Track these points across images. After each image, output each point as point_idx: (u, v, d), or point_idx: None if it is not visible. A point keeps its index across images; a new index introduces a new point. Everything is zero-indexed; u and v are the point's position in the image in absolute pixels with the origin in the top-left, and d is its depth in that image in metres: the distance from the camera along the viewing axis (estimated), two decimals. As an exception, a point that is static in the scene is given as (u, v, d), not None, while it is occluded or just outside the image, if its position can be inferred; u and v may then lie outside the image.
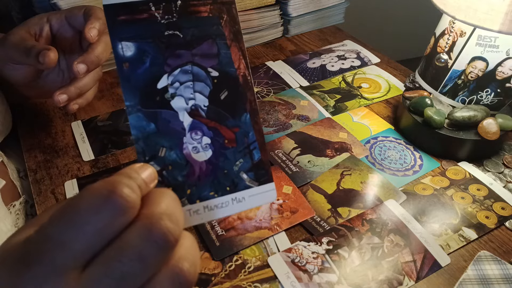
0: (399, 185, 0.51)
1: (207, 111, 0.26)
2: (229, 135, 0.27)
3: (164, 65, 0.25)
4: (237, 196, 0.26)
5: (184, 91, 0.25)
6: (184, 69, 0.26)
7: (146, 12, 0.25)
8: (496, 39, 0.49)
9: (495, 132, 0.51)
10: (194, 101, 0.26)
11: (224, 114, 0.27)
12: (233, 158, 0.27)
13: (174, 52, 0.25)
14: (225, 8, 0.27)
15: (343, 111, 0.64)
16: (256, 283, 0.42)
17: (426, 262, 0.43)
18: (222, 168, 0.26)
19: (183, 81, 0.25)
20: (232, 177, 0.26)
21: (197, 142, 0.26)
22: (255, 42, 0.82)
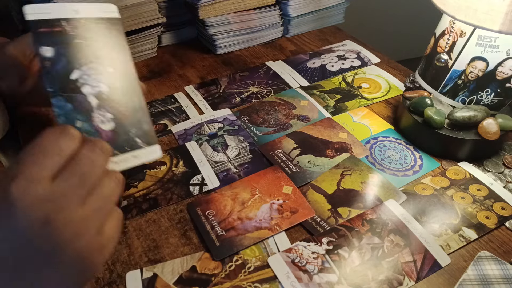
0: (399, 185, 0.51)
1: (108, 94, 0.36)
2: (124, 111, 0.37)
3: (75, 63, 0.35)
4: (133, 154, 0.37)
5: (91, 81, 0.35)
6: (90, 66, 0.35)
7: (59, 27, 0.34)
8: (496, 39, 0.49)
9: (495, 132, 0.51)
10: (98, 88, 0.36)
11: (120, 96, 0.37)
12: (129, 128, 0.37)
13: (81, 54, 0.35)
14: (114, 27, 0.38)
15: (343, 111, 0.64)
16: (256, 283, 0.42)
17: (426, 262, 0.43)
18: (122, 135, 0.36)
19: (89, 74, 0.35)
20: (129, 140, 0.37)
21: (102, 117, 0.35)
22: (255, 42, 0.82)
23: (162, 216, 0.49)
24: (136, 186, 0.52)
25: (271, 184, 0.51)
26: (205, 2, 0.73)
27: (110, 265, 0.44)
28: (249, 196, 0.50)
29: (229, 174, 0.53)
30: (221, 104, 0.66)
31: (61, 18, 0.35)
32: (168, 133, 0.61)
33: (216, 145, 0.58)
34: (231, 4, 0.76)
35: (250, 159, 0.56)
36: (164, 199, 0.50)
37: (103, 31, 0.37)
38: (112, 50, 0.38)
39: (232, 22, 0.78)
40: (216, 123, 0.62)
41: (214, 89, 0.70)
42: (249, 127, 0.61)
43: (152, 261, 0.44)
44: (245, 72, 0.74)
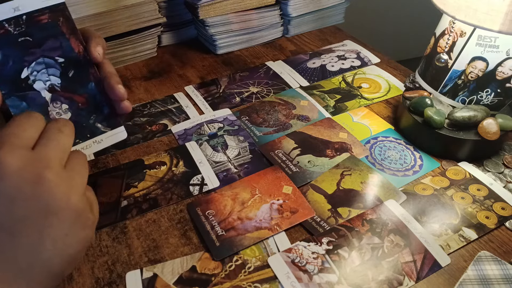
0: (399, 185, 0.51)
1: (60, 86, 0.36)
2: (80, 100, 0.38)
3: (23, 61, 0.35)
4: (96, 139, 0.38)
5: (41, 76, 0.36)
6: (38, 61, 0.36)
7: (2, 29, 0.34)
8: (496, 39, 0.49)
9: (495, 132, 0.51)
10: (50, 82, 0.36)
11: (74, 86, 0.37)
12: (88, 115, 0.38)
13: (28, 51, 0.35)
14: (60, 13, 0.37)
15: (343, 111, 0.64)
16: (256, 283, 0.42)
17: (426, 262, 0.43)
18: (81, 122, 0.37)
19: (39, 69, 0.36)
20: (90, 127, 0.38)
21: (58, 109, 0.36)
22: (255, 42, 0.82)
23: (162, 216, 0.49)
24: (136, 186, 0.52)
25: (271, 184, 0.51)
26: (205, 2, 0.73)
27: (110, 265, 0.44)
28: (249, 196, 0.50)
29: (229, 174, 0.53)
30: (221, 104, 0.66)
31: (2, 19, 0.34)
32: (168, 133, 0.61)
33: (216, 145, 0.58)
34: (231, 4, 0.76)
35: (250, 159, 0.56)
36: (164, 199, 0.50)
37: (48, 21, 0.36)
38: (60, 38, 0.37)
39: (232, 22, 0.78)
40: (216, 123, 0.62)
41: (214, 89, 0.70)
42: (249, 127, 0.61)
43: (152, 261, 0.44)
44: (245, 72, 0.74)
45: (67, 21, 0.37)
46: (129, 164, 0.55)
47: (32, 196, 0.29)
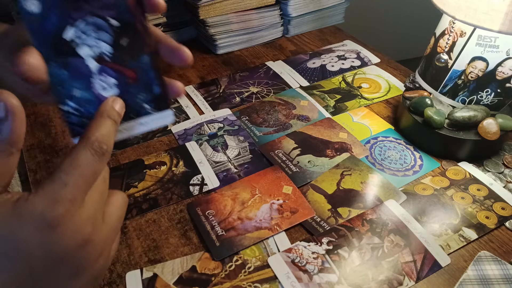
0: (399, 185, 0.51)
1: (110, 56, 0.30)
2: (130, 74, 0.31)
3: (68, 18, 0.28)
4: (140, 121, 0.33)
5: (88, 40, 0.29)
6: (86, 20, 0.28)
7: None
8: (496, 39, 0.49)
9: (495, 132, 0.51)
10: (98, 48, 0.29)
11: (125, 57, 0.31)
12: (136, 92, 0.32)
13: (76, 5, 0.28)
14: None
15: (343, 111, 0.64)
16: (256, 283, 0.42)
17: (426, 262, 0.43)
18: (127, 101, 0.32)
19: (86, 31, 0.29)
20: (135, 107, 0.32)
21: (104, 82, 0.30)
22: (255, 42, 0.82)
23: (162, 216, 0.49)
24: (136, 186, 0.52)
25: (271, 184, 0.51)
26: (205, 2, 0.73)
27: (110, 265, 0.44)
28: (249, 196, 0.50)
29: (229, 174, 0.53)
30: (221, 104, 0.66)
31: None
32: (168, 133, 0.61)
33: (216, 145, 0.58)
34: (231, 4, 0.76)
35: (250, 159, 0.56)
36: (164, 199, 0.50)
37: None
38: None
39: (232, 22, 0.77)
40: (216, 123, 0.62)
41: (214, 89, 0.70)
42: (249, 127, 0.61)
43: (152, 261, 0.44)
44: (245, 72, 0.74)
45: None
46: (129, 164, 0.55)
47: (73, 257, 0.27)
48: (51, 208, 0.25)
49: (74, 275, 0.28)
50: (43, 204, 0.25)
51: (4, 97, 0.26)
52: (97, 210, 0.29)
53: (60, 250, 0.26)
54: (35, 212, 0.25)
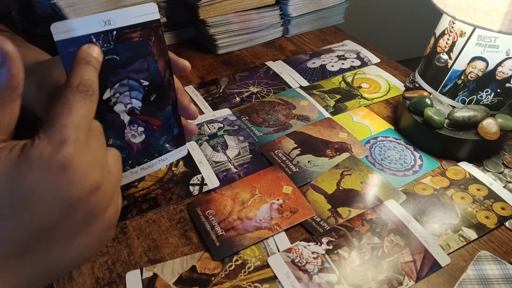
0: (399, 185, 0.51)
1: (140, 110, 0.35)
2: (156, 123, 0.37)
3: (107, 82, 0.32)
4: (161, 158, 0.38)
5: (123, 98, 0.34)
6: (122, 83, 0.33)
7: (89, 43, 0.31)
8: (496, 39, 0.49)
9: (495, 132, 0.51)
10: (131, 105, 0.34)
11: (153, 109, 0.36)
12: (160, 136, 0.37)
13: (113, 71, 0.32)
14: (152, 32, 0.34)
15: (343, 111, 0.64)
16: (256, 283, 0.42)
17: (426, 262, 0.43)
18: (152, 144, 0.37)
19: (122, 91, 0.33)
20: (159, 147, 0.38)
21: (134, 131, 0.35)
22: (255, 42, 0.82)
23: (162, 216, 0.49)
24: (136, 186, 0.52)
25: (271, 184, 0.51)
26: (205, 2, 0.73)
27: (110, 265, 0.44)
28: (249, 196, 0.50)
29: (229, 174, 0.53)
30: (221, 104, 0.66)
31: (90, 33, 0.30)
32: (168, 133, 0.61)
33: (216, 145, 0.58)
34: (231, 4, 0.76)
35: (250, 159, 0.56)
36: (164, 199, 0.50)
37: (139, 40, 0.33)
38: (148, 60, 0.34)
39: (232, 22, 0.78)
40: (216, 123, 0.62)
41: (214, 89, 0.70)
42: (249, 127, 0.61)
43: (152, 261, 0.44)
44: (245, 72, 0.74)
45: (159, 41, 0.34)
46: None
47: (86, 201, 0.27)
48: (59, 148, 0.25)
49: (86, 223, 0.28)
50: (51, 146, 0.25)
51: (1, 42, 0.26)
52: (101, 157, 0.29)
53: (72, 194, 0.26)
54: (43, 155, 0.25)
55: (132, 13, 0.32)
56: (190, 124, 0.40)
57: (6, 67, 0.26)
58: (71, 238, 0.28)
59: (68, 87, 0.28)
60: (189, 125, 0.40)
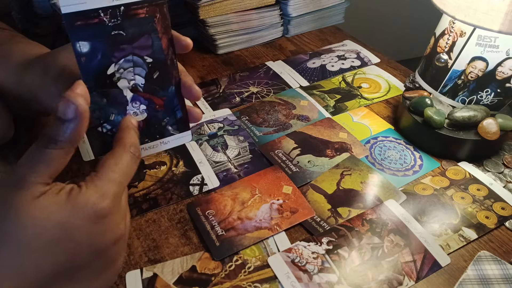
0: (399, 185, 0.51)
1: (143, 87, 0.35)
2: (159, 102, 0.37)
3: (112, 57, 0.33)
4: (164, 140, 0.38)
5: (127, 74, 0.34)
6: (127, 58, 0.34)
7: (96, 18, 0.31)
8: (496, 39, 0.49)
9: (495, 132, 0.51)
10: (134, 81, 0.35)
11: (156, 88, 0.36)
12: (162, 117, 0.37)
13: (119, 47, 0.33)
14: (158, 8, 0.34)
15: (343, 111, 0.64)
16: (256, 283, 0.42)
17: (426, 262, 0.43)
18: (154, 124, 0.37)
19: (126, 67, 0.34)
20: (161, 129, 0.38)
21: (136, 109, 0.35)
22: (255, 42, 0.82)
23: (162, 216, 0.49)
24: (136, 186, 0.52)
25: (271, 184, 0.51)
26: (205, 2, 0.73)
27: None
28: (249, 196, 0.50)
29: (229, 174, 0.53)
30: (221, 104, 0.66)
31: (98, 7, 0.31)
32: (168, 133, 0.61)
33: (216, 145, 0.58)
34: (231, 4, 0.76)
35: (250, 159, 0.56)
36: (164, 199, 0.50)
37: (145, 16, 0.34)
38: (153, 37, 0.34)
39: (232, 22, 0.78)
40: (216, 123, 0.62)
41: (214, 89, 0.70)
42: (249, 127, 0.61)
43: (152, 261, 0.44)
44: (245, 72, 0.74)
45: (164, 18, 0.35)
46: (129, 164, 0.55)
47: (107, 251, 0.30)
48: (101, 200, 0.28)
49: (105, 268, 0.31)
50: (95, 196, 0.28)
51: (76, 100, 0.28)
52: (126, 210, 0.32)
53: (103, 243, 0.29)
54: (89, 203, 0.28)
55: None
56: (195, 109, 0.41)
57: (76, 124, 0.28)
58: (90, 280, 0.30)
59: (122, 146, 0.31)
60: (194, 109, 0.40)
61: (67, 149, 0.29)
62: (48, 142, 0.28)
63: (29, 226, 0.26)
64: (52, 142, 0.28)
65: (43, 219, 0.27)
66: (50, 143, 0.28)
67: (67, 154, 0.29)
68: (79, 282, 0.29)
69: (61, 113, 0.28)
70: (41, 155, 0.28)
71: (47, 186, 0.28)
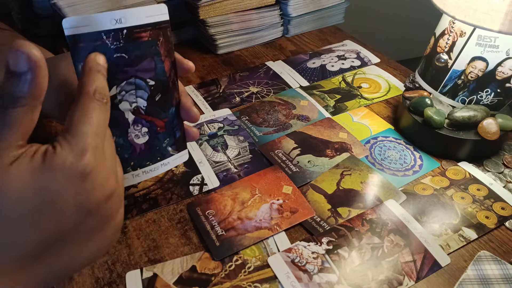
0: (399, 185, 0.51)
1: (145, 109, 0.35)
2: (160, 124, 0.36)
3: (114, 79, 0.32)
4: (164, 161, 0.38)
5: (129, 97, 0.34)
6: (129, 81, 0.33)
7: (99, 40, 0.31)
8: (496, 39, 0.49)
9: (495, 132, 0.51)
10: (136, 104, 0.34)
11: (158, 110, 0.36)
12: (163, 138, 0.37)
13: (121, 69, 0.33)
14: (161, 32, 0.34)
15: (343, 111, 0.64)
16: (256, 283, 0.42)
17: (426, 262, 0.43)
18: (155, 146, 0.37)
19: (128, 90, 0.33)
20: (162, 150, 0.37)
21: (138, 131, 0.35)
22: (255, 42, 0.82)
23: (162, 216, 0.49)
24: (136, 186, 0.52)
25: (271, 184, 0.51)
26: (205, 2, 0.73)
27: (110, 265, 0.44)
28: (249, 196, 0.50)
29: (229, 174, 0.53)
30: (221, 104, 0.66)
31: (101, 30, 0.31)
32: (168, 133, 0.61)
33: (216, 145, 0.58)
34: (231, 4, 0.76)
35: (250, 159, 0.56)
36: (164, 199, 0.50)
37: (148, 40, 0.33)
38: (156, 60, 0.34)
39: (232, 22, 0.78)
40: (216, 123, 0.62)
41: (214, 89, 0.70)
42: (249, 127, 0.61)
43: (152, 261, 0.44)
44: (245, 72, 0.74)
45: (167, 41, 0.34)
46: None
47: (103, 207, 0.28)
48: (80, 157, 0.26)
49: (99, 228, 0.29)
50: (72, 154, 0.26)
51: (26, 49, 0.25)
52: (115, 163, 0.30)
53: (92, 201, 0.27)
54: (66, 163, 0.26)
55: (144, 13, 0.32)
56: (192, 128, 0.40)
57: (32, 75, 0.26)
58: (85, 242, 0.28)
59: (85, 94, 0.28)
60: (191, 129, 0.40)
61: (30, 105, 0.26)
62: (7, 101, 0.25)
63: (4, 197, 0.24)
64: (10, 101, 0.25)
65: (20, 187, 0.25)
66: (9, 102, 0.25)
67: (32, 111, 0.26)
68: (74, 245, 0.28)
69: (13, 66, 0.25)
70: (3, 118, 0.25)
71: (20, 149, 0.26)
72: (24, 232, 0.25)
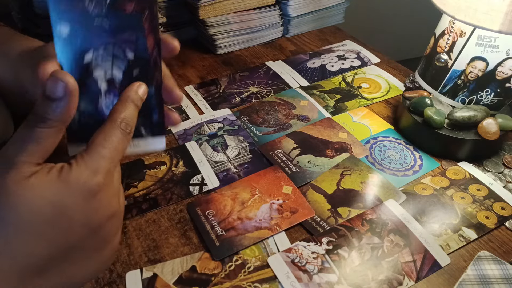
0: (399, 185, 0.51)
1: (120, 83, 0.34)
2: None
3: (91, 43, 0.32)
4: (134, 142, 0.35)
5: (104, 64, 0.33)
6: (107, 48, 0.32)
7: (82, 3, 0.30)
8: (496, 39, 0.49)
9: (495, 132, 0.51)
10: (111, 74, 0.33)
11: None
12: None
13: (100, 36, 0.32)
14: (147, 5, 0.33)
15: (343, 111, 0.64)
16: (256, 283, 0.42)
17: (426, 262, 0.43)
18: None
19: (104, 57, 0.33)
20: None
21: (109, 102, 0.34)
22: (255, 42, 0.82)
23: (162, 216, 0.49)
24: (136, 186, 0.52)
25: (271, 184, 0.51)
26: (205, 2, 0.73)
27: (110, 265, 0.44)
28: (249, 196, 0.50)
29: (229, 174, 0.53)
30: (221, 104, 0.66)
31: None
32: (168, 133, 0.61)
33: (216, 145, 0.58)
34: (231, 4, 0.76)
35: (250, 159, 0.56)
36: (164, 199, 0.50)
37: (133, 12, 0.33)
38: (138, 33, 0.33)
39: (232, 22, 0.78)
40: (216, 123, 0.62)
41: (214, 89, 0.70)
42: (249, 127, 0.61)
43: (152, 261, 0.44)
44: (245, 72, 0.74)
45: (152, 17, 0.34)
46: (128, 164, 0.55)
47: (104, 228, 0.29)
48: (93, 177, 0.28)
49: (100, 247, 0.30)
50: (87, 172, 0.28)
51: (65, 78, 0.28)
52: (119, 187, 0.31)
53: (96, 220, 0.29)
54: (80, 180, 0.27)
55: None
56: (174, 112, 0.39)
57: (65, 102, 0.28)
58: (85, 260, 0.30)
59: (112, 120, 0.30)
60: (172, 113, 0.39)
61: (57, 128, 0.28)
62: (37, 121, 0.27)
63: (21, 207, 0.26)
64: (41, 121, 0.27)
65: (35, 199, 0.26)
66: (39, 122, 0.27)
67: (57, 134, 0.28)
68: (74, 263, 0.29)
69: (50, 91, 0.27)
70: (30, 135, 0.27)
71: (38, 166, 0.27)
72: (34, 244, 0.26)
